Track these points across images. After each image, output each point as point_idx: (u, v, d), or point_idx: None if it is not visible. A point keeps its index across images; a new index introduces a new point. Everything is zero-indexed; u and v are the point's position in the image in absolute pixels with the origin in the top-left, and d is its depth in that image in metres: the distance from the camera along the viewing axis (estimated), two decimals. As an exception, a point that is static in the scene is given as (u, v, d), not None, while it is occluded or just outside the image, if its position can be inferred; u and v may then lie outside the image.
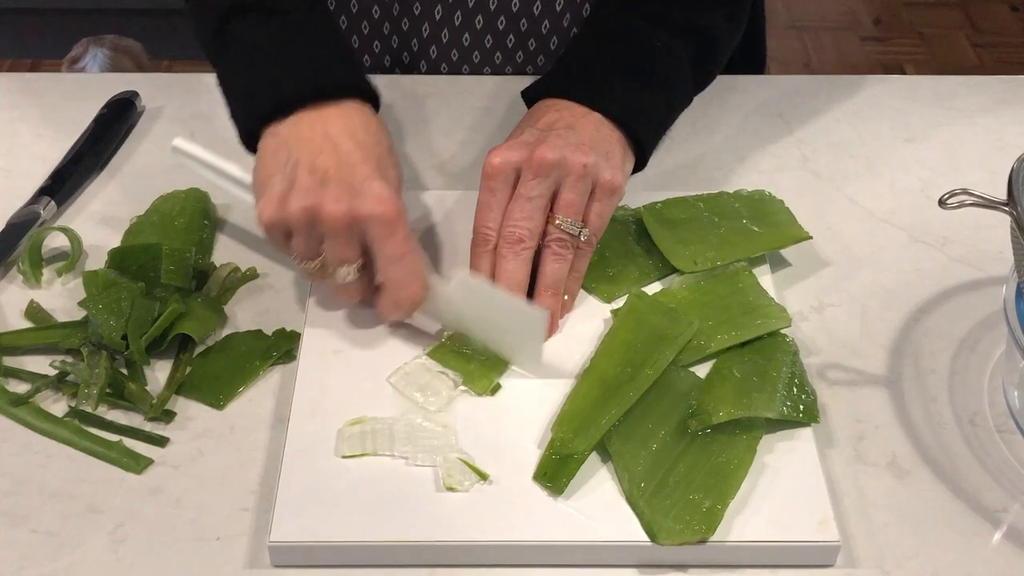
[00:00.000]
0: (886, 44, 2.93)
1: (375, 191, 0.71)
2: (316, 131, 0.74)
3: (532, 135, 0.78)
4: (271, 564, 0.65)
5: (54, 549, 0.66)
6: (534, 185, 0.76)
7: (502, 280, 0.76)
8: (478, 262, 0.78)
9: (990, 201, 0.68)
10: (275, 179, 0.73)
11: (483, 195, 0.77)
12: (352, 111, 0.76)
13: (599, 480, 0.68)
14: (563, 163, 0.75)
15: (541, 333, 0.74)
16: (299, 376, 0.74)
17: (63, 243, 0.86)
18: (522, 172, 0.76)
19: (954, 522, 0.68)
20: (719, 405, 0.69)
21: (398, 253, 0.72)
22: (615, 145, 0.79)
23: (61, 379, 0.75)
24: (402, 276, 0.73)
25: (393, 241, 0.72)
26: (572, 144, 0.76)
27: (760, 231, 0.83)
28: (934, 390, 0.76)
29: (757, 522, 0.66)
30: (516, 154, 0.76)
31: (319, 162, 0.72)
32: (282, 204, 0.72)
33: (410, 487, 0.68)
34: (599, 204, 0.77)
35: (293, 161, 0.73)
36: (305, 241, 0.73)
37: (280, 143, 0.74)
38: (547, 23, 1.03)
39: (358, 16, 1.05)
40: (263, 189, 0.74)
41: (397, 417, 0.71)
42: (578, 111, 0.79)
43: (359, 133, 0.74)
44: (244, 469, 0.71)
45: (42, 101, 1.03)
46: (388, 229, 0.71)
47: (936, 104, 1.04)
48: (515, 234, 0.76)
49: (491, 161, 0.77)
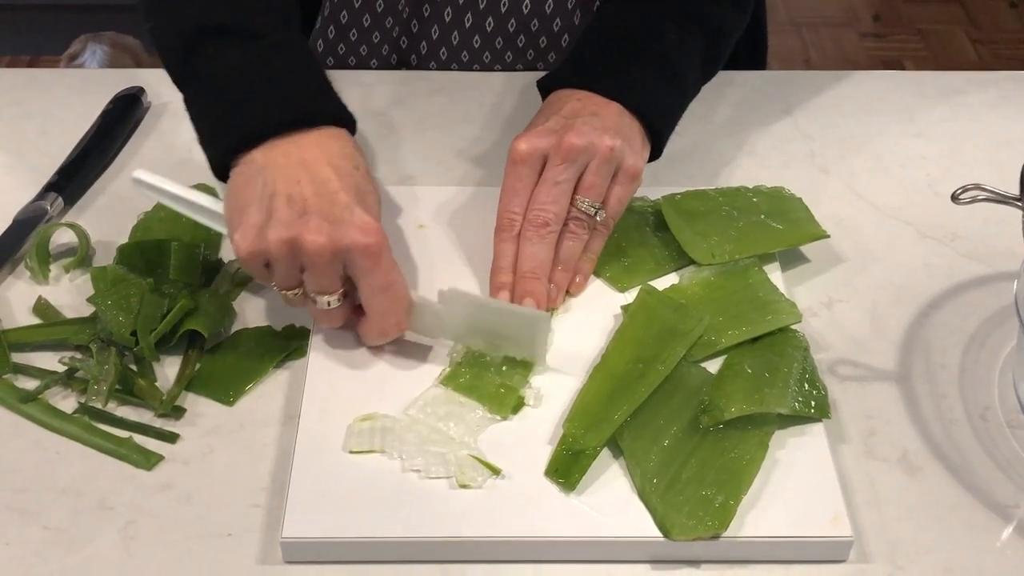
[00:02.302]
0: (885, 40, 2.92)
1: (357, 221, 0.69)
2: (292, 159, 0.71)
3: (558, 123, 0.79)
4: (283, 560, 0.65)
5: (65, 546, 0.66)
6: (561, 170, 0.77)
7: (526, 263, 0.77)
8: (502, 247, 0.78)
9: (1003, 196, 0.68)
10: (251, 209, 0.70)
11: (509, 181, 0.78)
12: (327, 137, 0.74)
13: (611, 476, 0.68)
14: (591, 148, 0.77)
15: (544, 333, 0.73)
16: (309, 372, 0.74)
17: (71, 239, 0.85)
18: (550, 158, 0.77)
19: (966, 517, 0.68)
20: (731, 401, 0.69)
21: (382, 283, 0.71)
22: (636, 132, 0.81)
23: (70, 375, 0.75)
24: (387, 306, 0.72)
25: (377, 271, 0.70)
26: (599, 129, 0.78)
27: (778, 227, 0.83)
28: (944, 386, 0.76)
29: (769, 518, 0.66)
30: (544, 141, 0.77)
31: (297, 191, 0.70)
32: (260, 236, 0.70)
33: (422, 483, 0.67)
34: (620, 188, 0.79)
35: (269, 191, 0.70)
36: (285, 272, 0.71)
37: (254, 171, 0.72)
38: (559, 21, 1.03)
39: (365, 18, 1.04)
40: (239, 219, 0.71)
41: (408, 423, 0.71)
42: (599, 100, 0.81)
43: (336, 159, 0.72)
44: (254, 465, 0.71)
45: (47, 97, 1.03)
46: (371, 260, 0.70)
47: (942, 100, 1.04)
48: (540, 217, 0.77)
49: (518, 147, 0.77)
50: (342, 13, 1.04)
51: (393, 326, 0.74)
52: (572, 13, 1.03)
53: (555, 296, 0.79)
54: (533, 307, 0.77)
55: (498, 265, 0.79)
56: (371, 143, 0.97)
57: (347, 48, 1.06)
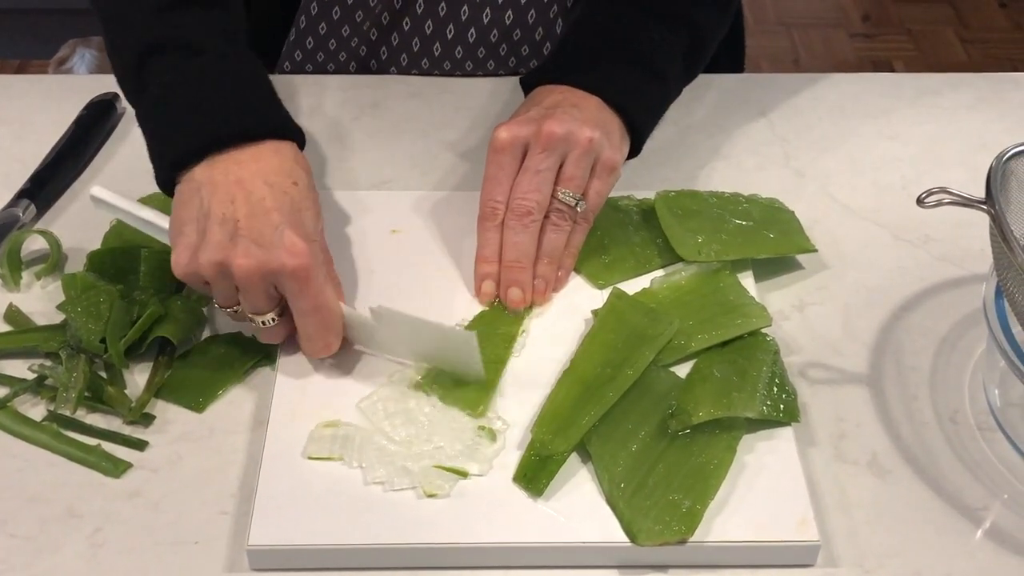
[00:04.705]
0: (875, 41, 2.92)
1: (286, 243, 0.69)
2: (229, 177, 0.72)
3: (539, 112, 0.79)
4: (250, 568, 0.65)
5: (32, 554, 0.66)
6: (542, 158, 0.78)
7: (510, 252, 0.78)
8: (486, 236, 0.79)
9: (968, 200, 0.68)
10: (187, 229, 0.71)
11: (491, 169, 0.79)
12: (267, 152, 0.74)
13: (579, 481, 0.68)
14: (570, 137, 0.78)
15: (474, 351, 0.71)
16: (278, 379, 0.74)
17: (43, 246, 0.85)
18: (530, 146, 0.78)
19: (935, 520, 0.68)
20: (699, 405, 0.69)
21: (310, 306, 0.71)
22: (615, 127, 0.81)
23: (40, 383, 0.75)
24: (314, 329, 0.72)
25: (306, 295, 0.70)
26: (579, 120, 0.78)
27: (768, 235, 0.84)
28: (915, 388, 0.76)
29: (737, 522, 0.66)
30: (524, 129, 0.78)
31: (230, 212, 0.70)
32: (194, 257, 0.70)
33: (390, 490, 0.67)
34: (598, 182, 0.80)
35: (205, 211, 0.71)
36: (222, 291, 0.72)
37: (193, 190, 0.72)
38: (541, 30, 1.03)
39: (344, 28, 1.04)
40: (177, 238, 0.72)
41: (370, 432, 0.70)
42: (580, 94, 0.82)
43: (272, 176, 0.72)
44: (223, 472, 0.70)
45: (22, 103, 1.02)
46: (299, 283, 0.70)
47: (918, 102, 1.04)
48: (524, 206, 0.78)
49: (499, 136, 0.78)
50: (320, 25, 1.04)
51: (324, 346, 0.73)
52: (554, 22, 1.03)
53: (542, 289, 0.79)
54: (519, 297, 0.78)
55: (482, 254, 0.80)
56: (346, 147, 0.97)
57: (326, 56, 1.06)
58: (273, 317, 0.73)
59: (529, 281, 0.79)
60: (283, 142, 0.76)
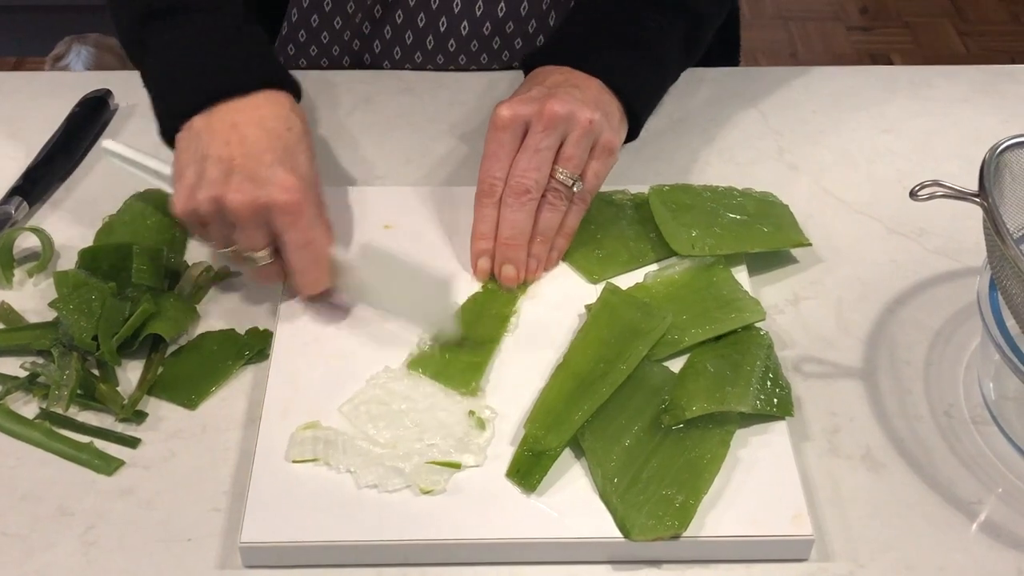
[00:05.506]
0: (872, 34, 2.92)
1: (278, 179, 0.72)
2: (226, 122, 0.75)
3: (540, 91, 0.80)
4: (243, 565, 0.65)
5: (24, 552, 0.66)
6: (543, 137, 0.78)
7: (506, 230, 0.79)
8: (483, 212, 0.80)
9: (961, 193, 0.67)
10: (188, 171, 0.75)
11: (491, 146, 0.79)
12: (264, 101, 0.77)
13: (572, 476, 0.68)
14: (571, 118, 0.78)
15: (449, 297, 0.75)
16: (271, 376, 0.74)
17: (35, 243, 0.85)
18: (532, 125, 0.79)
19: (929, 514, 0.68)
20: (692, 400, 0.69)
21: (301, 241, 0.74)
22: (614, 109, 0.82)
23: (32, 381, 0.74)
24: (305, 263, 0.75)
25: (296, 229, 0.73)
26: (580, 101, 0.79)
27: (763, 229, 0.83)
28: (909, 382, 0.76)
29: (730, 517, 0.66)
30: (526, 107, 0.79)
31: (225, 152, 0.74)
32: (191, 195, 0.74)
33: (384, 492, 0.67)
34: (596, 163, 0.80)
35: (202, 153, 0.75)
36: (218, 230, 0.75)
37: (193, 136, 0.76)
38: (534, 23, 1.03)
39: (336, 21, 1.04)
40: (178, 181, 0.76)
41: (351, 436, 0.70)
42: (580, 75, 0.82)
43: (268, 121, 0.76)
44: (216, 469, 0.70)
45: (15, 100, 1.02)
46: (291, 217, 0.73)
47: (913, 94, 1.04)
48: (522, 184, 0.78)
49: (501, 114, 0.79)
50: (312, 17, 1.04)
51: (314, 281, 0.76)
52: (547, 15, 1.02)
53: (534, 268, 0.80)
54: (513, 275, 0.79)
55: (478, 231, 0.80)
56: (339, 142, 0.97)
57: (319, 50, 1.06)
58: (268, 254, 0.75)
59: (524, 259, 0.80)
60: (279, 92, 0.79)
